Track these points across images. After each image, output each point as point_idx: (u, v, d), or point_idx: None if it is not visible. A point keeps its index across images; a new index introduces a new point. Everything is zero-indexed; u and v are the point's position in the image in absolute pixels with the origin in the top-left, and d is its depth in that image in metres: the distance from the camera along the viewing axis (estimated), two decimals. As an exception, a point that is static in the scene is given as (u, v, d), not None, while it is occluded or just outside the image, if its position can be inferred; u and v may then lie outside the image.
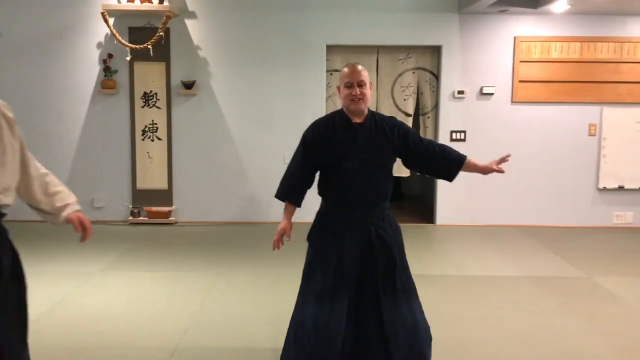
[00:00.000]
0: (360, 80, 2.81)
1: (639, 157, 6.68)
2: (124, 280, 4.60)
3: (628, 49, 6.56)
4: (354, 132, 2.86)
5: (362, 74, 2.83)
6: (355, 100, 2.82)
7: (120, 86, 6.62)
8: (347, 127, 2.87)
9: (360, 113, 2.87)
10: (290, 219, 3.09)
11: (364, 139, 2.85)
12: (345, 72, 2.86)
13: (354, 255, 2.82)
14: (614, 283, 4.65)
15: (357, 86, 2.81)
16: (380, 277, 2.81)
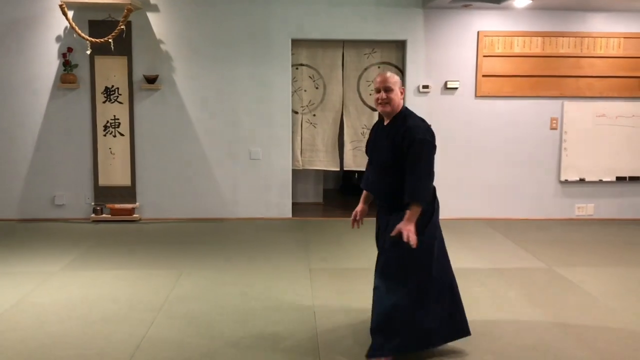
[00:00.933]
0: (387, 86, 3.15)
1: (598, 150, 6.83)
2: (84, 280, 4.50)
3: (588, 44, 6.69)
4: (380, 133, 3.27)
5: (390, 80, 3.16)
6: (382, 103, 3.17)
7: (81, 81, 6.47)
8: (379, 128, 3.32)
9: (387, 115, 3.22)
10: (364, 204, 3.53)
11: (381, 141, 3.22)
12: (376, 78, 3.23)
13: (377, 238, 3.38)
14: (574, 273, 4.74)
15: (384, 91, 3.15)
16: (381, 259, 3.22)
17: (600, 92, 6.75)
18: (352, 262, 5.07)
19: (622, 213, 6.94)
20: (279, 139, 6.70)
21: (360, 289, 4.30)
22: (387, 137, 3.16)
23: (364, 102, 6.84)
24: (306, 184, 8.04)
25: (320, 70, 6.79)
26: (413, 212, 2.99)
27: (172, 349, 3.26)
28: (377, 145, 3.25)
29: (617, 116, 6.78)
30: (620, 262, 5.15)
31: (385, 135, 3.18)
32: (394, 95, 3.14)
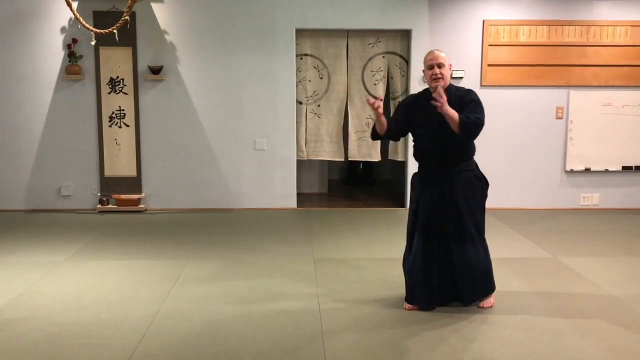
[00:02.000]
0: (439, 63, 3.51)
1: (604, 140, 6.79)
2: (90, 269, 4.53)
3: (594, 33, 6.64)
4: (430, 105, 3.43)
5: (441, 56, 3.53)
6: (436, 78, 3.50)
7: (86, 72, 6.49)
8: (427, 100, 3.48)
9: (435, 90, 3.45)
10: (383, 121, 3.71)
11: (434, 111, 3.43)
12: (427, 57, 3.56)
13: (427, 205, 3.58)
14: (579, 263, 4.74)
15: (437, 67, 3.50)
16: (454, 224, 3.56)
17: (606, 81, 6.71)
18: (356, 252, 5.08)
19: (628, 203, 6.92)
20: (283, 130, 6.70)
21: (364, 279, 4.32)
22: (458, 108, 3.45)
23: (368, 92, 6.82)
24: (311, 175, 8.05)
25: (324, 60, 6.77)
26: (456, 115, 3.38)
27: (177, 339, 3.29)
28: (435, 115, 3.45)
29: (623, 105, 6.74)
30: (625, 251, 5.14)
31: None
32: (445, 70, 3.53)
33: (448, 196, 3.56)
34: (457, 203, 3.56)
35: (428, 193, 3.61)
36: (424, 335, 3.36)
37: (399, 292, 4.02)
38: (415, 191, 3.71)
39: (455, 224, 3.58)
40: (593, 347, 3.20)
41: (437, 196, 3.58)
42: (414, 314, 3.66)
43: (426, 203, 3.61)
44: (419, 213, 3.63)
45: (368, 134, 6.87)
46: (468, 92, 3.59)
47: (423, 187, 3.64)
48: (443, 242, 3.61)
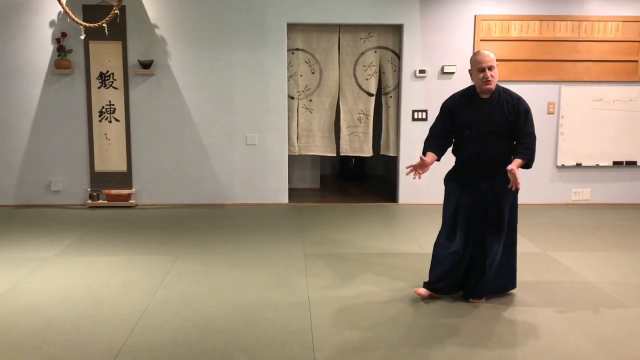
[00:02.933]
0: (490, 65, 3.53)
1: (595, 135, 6.80)
2: (79, 265, 4.50)
3: (585, 28, 6.64)
4: (480, 105, 3.58)
5: (491, 58, 3.56)
6: (487, 81, 3.52)
7: (76, 66, 6.43)
8: (473, 101, 3.61)
9: (489, 91, 3.58)
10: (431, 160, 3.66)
11: (485, 112, 3.56)
12: (477, 59, 3.57)
13: (469, 200, 3.64)
14: (569, 258, 4.75)
15: (488, 69, 3.52)
16: (490, 220, 3.62)
17: (598, 77, 6.72)
18: (347, 247, 5.07)
19: (619, 198, 6.94)
20: (275, 125, 6.68)
21: (354, 274, 4.31)
22: (497, 109, 3.56)
23: (360, 87, 6.80)
24: (303, 170, 8.03)
25: (316, 55, 6.75)
26: (520, 163, 3.50)
27: (165, 334, 3.27)
28: (483, 117, 3.56)
29: (614, 100, 6.75)
30: (615, 246, 5.16)
31: (492, 107, 3.57)
32: (495, 72, 3.55)
33: (491, 193, 3.61)
34: (499, 199, 3.62)
35: (472, 189, 3.65)
36: (414, 328, 3.36)
37: (390, 287, 4.02)
38: (459, 185, 3.71)
39: (494, 218, 3.64)
40: (581, 339, 3.21)
41: (480, 192, 3.63)
42: (403, 309, 3.66)
43: (469, 200, 3.66)
44: (460, 206, 3.68)
45: (360, 130, 6.87)
46: (519, 99, 3.62)
47: (467, 183, 3.67)
48: (482, 237, 3.67)
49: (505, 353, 3.07)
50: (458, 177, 3.75)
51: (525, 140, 3.57)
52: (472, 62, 3.63)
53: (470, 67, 3.66)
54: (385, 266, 4.52)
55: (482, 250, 3.69)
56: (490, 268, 3.70)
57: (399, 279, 4.19)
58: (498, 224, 3.66)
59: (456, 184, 3.74)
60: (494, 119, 3.57)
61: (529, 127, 3.58)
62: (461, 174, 3.73)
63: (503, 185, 3.60)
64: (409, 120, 6.70)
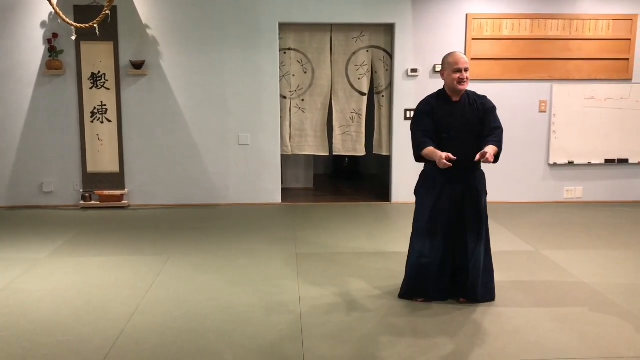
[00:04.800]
0: (466, 67, 3.56)
1: (587, 133, 6.83)
2: (71, 266, 4.49)
3: (577, 26, 6.66)
4: (453, 108, 3.62)
5: (466, 59, 3.58)
6: (463, 82, 3.56)
7: (67, 67, 6.42)
8: (447, 104, 3.64)
9: (460, 93, 3.62)
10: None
11: (459, 115, 3.61)
12: (453, 59, 3.57)
13: (447, 204, 3.63)
14: (561, 256, 4.76)
15: (464, 71, 3.55)
16: (467, 220, 3.64)
17: (589, 75, 6.73)
18: (339, 246, 5.07)
19: (611, 195, 6.97)
20: (267, 124, 6.67)
21: (346, 273, 4.32)
22: (470, 110, 3.62)
23: (353, 86, 6.80)
24: (297, 169, 8.03)
25: (308, 54, 6.74)
26: (494, 149, 3.52)
27: (156, 335, 3.27)
28: (460, 119, 3.61)
29: (605, 98, 6.77)
30: (607, 245, 5.18)
31: (465, 109, 3.63)
32: (469, 74, 3.60)
33: (469, 194, 3.65)
34: (477, 200, 3.67)
35: (448, 191, 3.64)
36: (404, 329, 3.37)
37: (380, 286, 4.03)
38: (432, 189, 3.69)
39: (474, 221, 3.66)
40: (568, 336, 3.22)
41: (457, 194, 3.64)
42: (393, 308, 3.66)
43: (447, 201, 3.65)
44: (437, 210, 3.66)
45: (352, 129, 6.87)
46: (486, 99, 3.71)
47: (443, 186, 3.65)
48: (462, 239, 3.68)
49: (492, 350, 3.08)
50: (432, 182, 3.70)
51: (495, 131, 3.61)
52: (448, 62, 3.62)
53: (443, 68, 3.65)
54: (378, 265, 4.52)
55: (464, 254, 3.69)
56: (474, 270, 3.69)
57: (391, 279, 4.19)
58: (478, 227, 3.68)
59: (431, 188, 3.70)
60: (470, 120, 3.62)
61: (497, 122, 3.66)
62: (436, 178, 3.68)
63: (478, 187, 3.68)
64: (401, 120, 6.71)
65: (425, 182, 3.75)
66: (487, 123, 3.63)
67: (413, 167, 6.85)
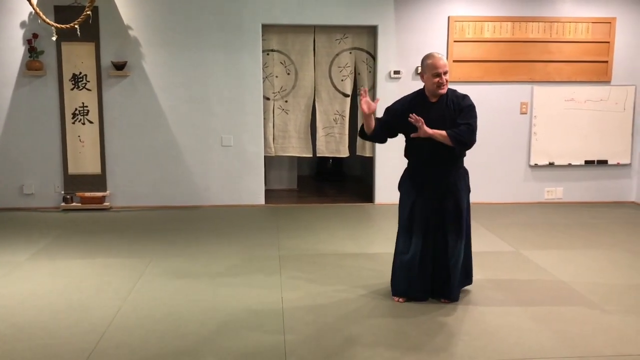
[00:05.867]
0: (446, 70, 3.58)
1: (567, 134, 6.91)
2: (52, 269, 4.45)
3: (557, 29, 6.74)
4: (429, 108, 3.64)
5: (445, 62, 3.61)
6: (442, 86, 3.59)
7: (47, 67, 6.36)
8: (424, 104, 3.66)
9: (439, 95, 3.64)
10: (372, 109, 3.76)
11: (435, 114, 3.62)
12: (433, 63, 3.58)
13: (427, 202, 3.65)
14: (541, 256, 4.82)
15: (444, 74, 3.58)
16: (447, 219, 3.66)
17: (569, 77, 6.82)
18: (322, 248, 5.09)
19: (590, 196, 7.06)
20: (250, 126, 6.67)
21: (328, 275, 4.33)
22: (446, 111, 3.63)
23: (336, 88, 6.82)
24: (280, 171, 8.03)
25: (291, 56, 6.75)
26: (443, 134, 3.54)
27: (137, 337, 3.25)
28: (435, 120, 3.59)
29: (585, 100, 6.87)
30: (587, 245, 5.25)
31: (442, 110, 3.64)
32: (448, 77, 3.62)
33: (448, 192, 3.68)
34: (457, 198, 3.70)
35: (427, 189, 3.68)
36: (385, 330, 3.39)
37: (363, 287, 4.05)
38: (413, 187, 3.73)
39: (454, 218, 3.69)
40: (547, 336, 3.26)
41: (437, 192, 3.67)
42: (376, 309, 3.68)
43: (425, 200, 3.68)
44: (417, 209, 3.69)
45: (336, 130, 6.89)
46: (464, 97, 3.70)
47: (422, 184, 3.69)
48: (442, 237, 3.70)
49: (473, 350, 3.11)
50: (413, 180, 3.75)
51: (460, 126, 3.59)
52: (427, 65, 3.63)
53: (423, 70, 3.67)
54: (361, 266, 4.54)
55: (444, 252, 3.72)
56: (455, 269, 3.73)
57: (374, 279, 4.21)
58: (458, 225, 3.71)
59: (411, 186, 3.74)
60: (445, 121, 3.63)
61: (468, 118, 3.60)
62: (416, 176, 3.74)
63: (458, 185, 3.72)
64: (384, 121, 6.74)
65: (407, 180, 3.80)
66: (460, 118, 3.62)
67: (396, 169, 6.88)
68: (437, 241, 3.72)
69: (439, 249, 3.73)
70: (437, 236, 3.71)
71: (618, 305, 3.75)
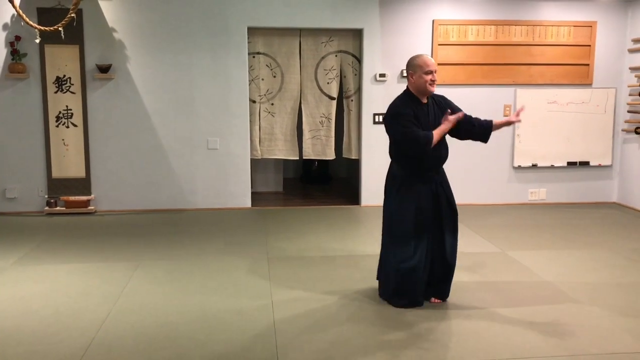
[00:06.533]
0: (436, 69, 3.66)
1: (550, 136, 7.01)
2: (37, 274, 4.40)
3: (539, 32, 6.84)
4: (424, 110, 3.69)
5: (434, 62, 3.68)
6: (434, 84, 3.65)
7: (31, 70, 6.29)
8: (421, 106, 3.70)
9: (427, 94, 3.71)
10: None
11: (432, 116, 3.70)
12: (423, 62, 3.63)
13: (427, 204, 3.68)
14: (527, 257, 4.88)
15: (434, 73, 3.64)
16: (444, 216, 3.72)
17: (551, 80, 6.92)
18: (310, 250, 5.10)
19: (573, 197, 7.16)
20: (236, 129, 6.66)
21: (318, 277, 4.34)
22: (438, 110, 3.73)
23: (322, 91, 6.84)
24: (266, 173, 8.03)
25: (277, 58, 6.76)
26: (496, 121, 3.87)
27: (127, 342, 3.24)
28: (431, 120, 3.68)
29: (567, 102, 6.97)
30: (570, 245, 5.33)
31: (434, 110, 3.74)
32: (437, 75, 3.70)
33: (443, 192, 3.76)
34: (451, 197, 3.80)
35: (425, 192, 3.71)
36: (375, 331, 3.41)
37: (352, 289, 4.07)
38: (410, 193, 3.69)
39: (449, 216, 3.77)
40: (535, 335, 3.31)
41: (434, 194, 3.73)
42: (366, 311, 3.70)
43: (425, 202, 3.70)
44: (419, 214, 3.67)
45: (322, 133, 6.91)
46: (445, 97, 3.89)
47: (420, 188, 3.70)
48: (440, 236, 3.75)
49: (462, 350, 3.15)
50: (409, 185, 3.70)
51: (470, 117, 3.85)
52: (418, 64, 3.64)
53: (413, 70, 3.66)
54: (349, 268, 4.56)
55: (442, 250, 3.76)
56: (453, 267, 3.83)
57: (362, 281, 4.23)
58: (453, 221, 3.80)
59: (409, 192, 3.69)
60: (439, 120, 3.70)
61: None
62: (413, 181, 3.71)
63: (446, 181, 3.82)
64: (370, 124, 6.78)
65: (401, 187, 3.72)
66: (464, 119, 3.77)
67: (382, 171, 6.90)
68: (437, 241, 3.76)
69: (438, 248, 3.76)
70: (436, 236, 3.75)
71: (603, 304, 3.82)
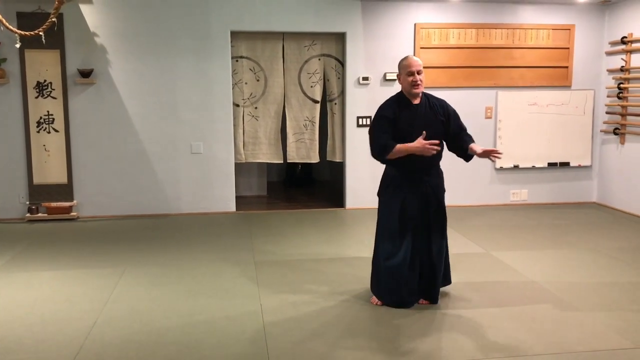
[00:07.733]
0: (419, 70, 3.64)
1: (531, 138, 7.11)
2: (20, 282, 4.34)
3: (519, 35, 6.94)
4: (413, 111, 3.69)
5: (419, 62, 3.67)
6: (416, 85, 3.63)
7: (11, 75, 6.21)
8: (409, 107, 3.70)
9: (417, 96, 3.71)
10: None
11: (421, 117, 3.68)
12: (407, 62, 3.66)
13: (414, 204, 3.70)
14: (511, 257, 4.94)
15: (417, 73, 3.63)
16: (432, 219, 3.74)
17: (532, 82, 7.03)
18: (296, 253, 5.10)
19: (554, 197, 7.27)
20: (220, 133, 6.64)
21: (305, 280, 4.35)
22: (431, 113, 3.73)
23: (305, 94, 6.86)
24: (250, 177, 8.02)
25: (260, 62, 6.76)
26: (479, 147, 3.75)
27: (116, 349, 3.21)
28: (421, 122, 3.67)
29: (547, 104, 7.07)
30: (552, 244, 5.40)
31: (426, 111, 3.73)
32: (423, 76, 3.69)
33: (432, 193, 3.76)
34: (440, 198, 3.81)
35: (414, 193, 3.72)
36: (366, 333, 3.43)
37: (341, 291, 4.08)
38: (398, 192, 3.74)
39: (439, 218, 3.80)
40: (525, 335, 3.36)
41: (423, 195, 3.74)
42: (355, 313, 3.72)
43: (414, 202, 3.72)
44: (405, 213, 3.72)
45: (306, 136, 6.92)
46: (445, 102, 3.88)
47: (408, 187, 3.73)
48: (427, 238, 3.77)
49: (451, 350, 3.18)
50: (398, 184, 3.76)
51: (467, 133, 3.87)
52: (402, 66, 3.72)
53: (399, 72, 3.76)
54: (336, 271, 4.58)
55: (430, 252, 3.78)
56: (440, 269, 3.84)
57: (350, 283, 4.25)
58: (442, 224, 3.83)
59: (397, 191, 3.75)
60: (431, 122, 3.72)
61: (463, 124, 3.88)
62: (401, 181, 3.76)
63: (440, 186, 3.84)
64: (353, 127, 6.81)
65: (390, 185, 3.80)
66: (455, 126, 3.81)
67: (366, 173, 7.00)
68: (423, 242, 3.77)
69: (424, 249, 3.78)
70: (423, 237, 3.77)
71: (587, 303, 3.88)
